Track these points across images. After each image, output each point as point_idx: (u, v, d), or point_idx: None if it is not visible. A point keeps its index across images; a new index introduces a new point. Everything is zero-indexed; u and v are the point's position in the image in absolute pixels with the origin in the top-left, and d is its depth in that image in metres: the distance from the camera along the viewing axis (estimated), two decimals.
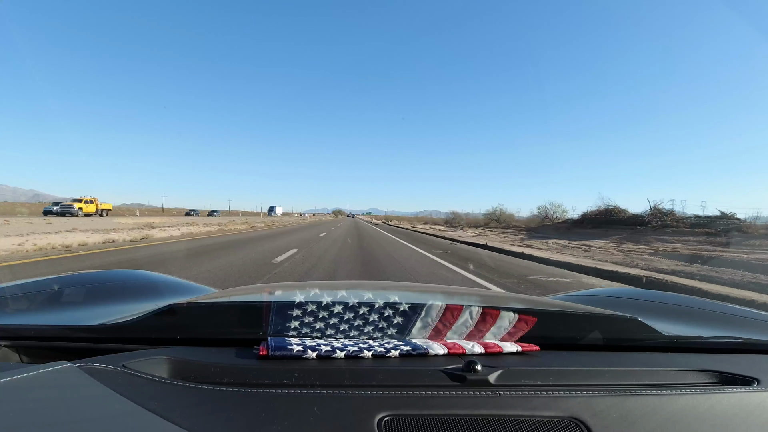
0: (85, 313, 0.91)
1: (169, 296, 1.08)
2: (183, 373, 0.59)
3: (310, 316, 0.71)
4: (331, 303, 0.71)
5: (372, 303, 0.73)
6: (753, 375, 0.67)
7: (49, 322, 0.80)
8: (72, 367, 0.56)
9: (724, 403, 0.59)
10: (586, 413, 0.53)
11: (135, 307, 0.84)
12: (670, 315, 1.10)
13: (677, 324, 1.00)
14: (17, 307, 0.91)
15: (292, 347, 0.64)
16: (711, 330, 0.97)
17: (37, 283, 1.10)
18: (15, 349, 0.73)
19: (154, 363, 0.60)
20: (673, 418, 0.54)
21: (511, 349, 0.72)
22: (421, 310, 0.73)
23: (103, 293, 1.13)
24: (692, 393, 0.61)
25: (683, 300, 1.35)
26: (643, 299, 1.31)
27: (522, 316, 0.75)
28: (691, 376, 0.68)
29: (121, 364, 0.58)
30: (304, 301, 0.71)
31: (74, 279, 1.21)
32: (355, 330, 0.72)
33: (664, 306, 1.23)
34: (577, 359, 0.73)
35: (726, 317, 1.10)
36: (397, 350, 0.67)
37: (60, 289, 1.05)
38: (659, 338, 0.80)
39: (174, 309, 0.71)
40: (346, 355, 0.65)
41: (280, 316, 0.71)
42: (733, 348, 0.84)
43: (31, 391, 0.50)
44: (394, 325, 0.73)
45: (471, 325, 0.74)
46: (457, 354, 0.68)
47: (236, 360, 0.64)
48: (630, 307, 1.13)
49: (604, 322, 0.82)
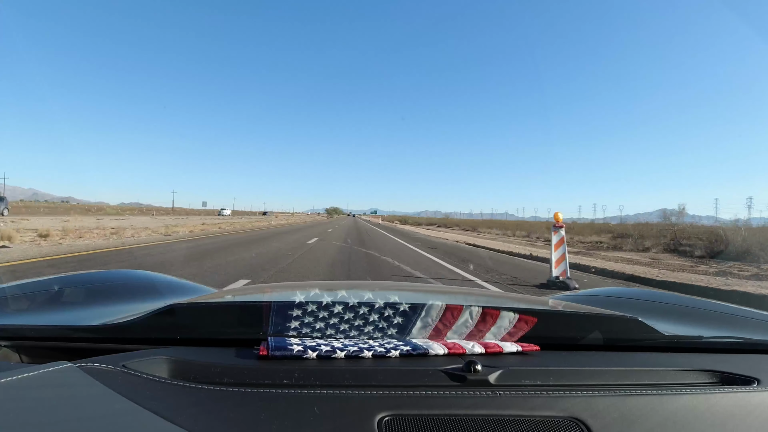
0: (85, 313, 0.91)
1: (169, 296, 1.08)
2: (183, 373, 0.59)
3: (310, 316, 0.71)
4: (331, 303, 0.71)
5: (372, 303, 0.73)
6: (753, 375, 0.67)
7: (49, 322, 0.80)
8: (72, 367, 0.56)
9: (724, 403, 0.59)
10: (586, 413, 0.53)
11: (135, 307, 0.84)
12: (670, 315, 1.10)
13: (677, 324, 1.00)
14: (17, 307, 0.91)
15: (292, 347, 0.64)
16: (711, 330, 0.97)
17: (37, 283, 1.10)
18: (15, 349, 0.73)
19: (154, 363, 0.60)
20: (673, 418, 0.54)
21: (512, 349, 0.72)
22: (422, 310, 0.73)
23: (103, 293, 1.13)
24: (692, 393, 0.61)
25: (683, 300, 1.35)
26: (643, 299, 1.31)
27: (522, 316, 0.75)
28: (691, 375, 0.68)
29: (121, 364, 0.58)
30: (304, 301, 0.71)
31: (74, 279, 1.21)
32: (356, 330, 0.72)
33: (664, 306, 1.23)
34: (577, 359, 0.73)
35: (726, 317, 1.10)
36: (398, 350, 0.67)
37: (60, 289, 1.05)
38: (659, 338, 0.80)
39: (174, 309, 0.71)
40: (347, 355, 0.65)
41: (280, 316, 0.71)
42: (733, 348, 0.84)
43: (31, 391, 0.50)
44: (394, 325, 0.73)
45: (471, 325, 0.74)
46: (457, 354, 0.68)
47: (236, 360, 0.64)
48: (630, 307, 1.13)
49: (604, 322, 0.82)
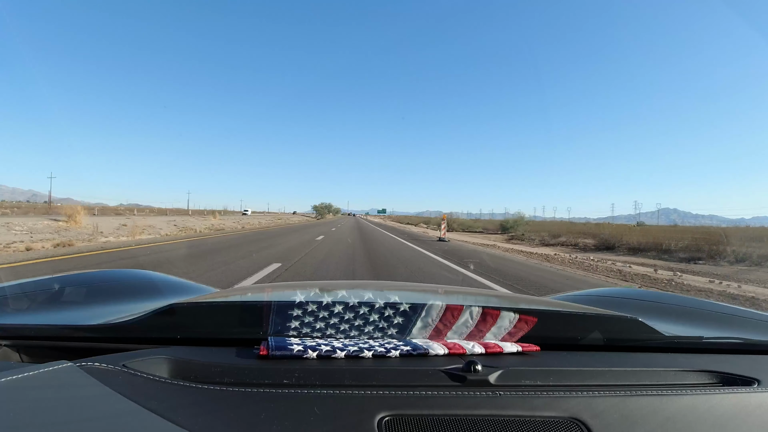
0: (85, 312, 0.90)
1: (169, 296, 1.08)
2: (183, 373, 0.59)
3: (310, 316, 0.71)
4: (332, 303, 0.71)
5: (372, 303, 0.72)
6: (753, 375, 0.67)
7: (49, 321, 0.80)
8: (72, 366, 0.56)
9: (724, 404, 0.59)
10: (586, 413, 0.53)
11: (135, 307, 0.84)
12: (670, 315, 1.10)
13: (677, 324, 1.00)
14: (17, 307, 0.91)
15: (293, 347, 0.64)
16: (711, 330, 0.97)
17: (37, 283, 1.10)
18: (15, 348, 0.73)
19: (154, 363, 0.60)
20: (673, 419, 0.54)
21: (512, 349, 0.72)
22: (422, 310, 0.73)
23: (104, 293, 1.13)
24: (693, 393, 0.61)
25: (683, 300, 1.35)
26: (644, 299, 1.31)
27: (522, 316, 0.75)
28: (692, 376, 0.68)
29: (121, 363, 0.58)
30: (304, 301, 0.71)
31: (74, 278, 1.21)
32: (356, 330, 0.72)
33: (664, 306, 1.23)
34: (577, 359, 0.73)
35: (726, 317, 1.10)
36: (398, 350, 0.67)
37: (60, 289, 1.05)
38: (660, 338, 0.80)
39: (174, 309, 0.71)
40: (347, 355, 0.65)
41: (280, 316, 0.71)
42: (734, 348, 0.84)
43: (31, 390, 0.50)
44: (394, 325, 0.73)
45: (471, 325, 0.74)
46: (457, 354, 0.68)
47: (236, 360, 0.64)
48: (630, 307, 1.13)
49: (604, 323, 0.82)
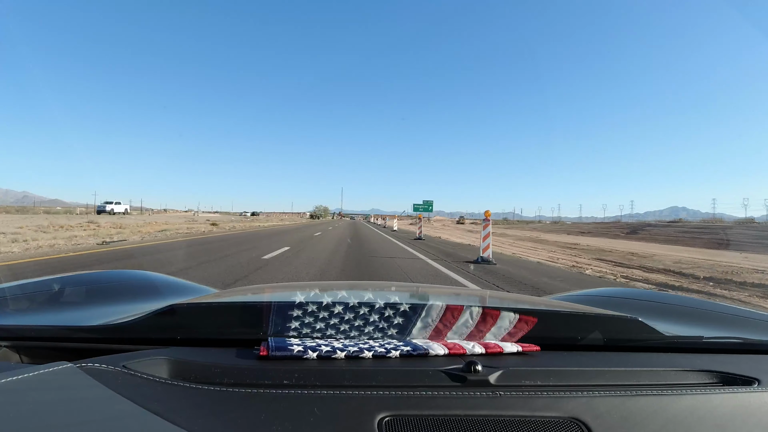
0: (85, 313, 0.90)
1: (169, 296, 1.08)
2: (183, 374, 0.59)
3: (310, 316, 0.71)
4: (332, 303, 0.71)
5: (372, 303, 0.72)
6: (754, 375, 0.67)
7: (49, 322, 0.79)
8: (72, 367, 0.56)
9: (725, 404, 0.59)
10: (586, 414, 0.53)
11: (135, 308, 0.84)
12: (670, 315, 1.09)
13: (678, 324, 1.00)
14: (17, 307, 0.91)
15: (293, 347, 0.64)
16: (711, 330, 0.97)
17: (37, 284, 1.10)
18: (15, 349, 0.73)
19: (154, 363, 0.60)
20: (674, 419, 0.54)
21: (512, 349, 0.72)
22: (422, 310, 0.73)
23: (103, 293, 1.13)
24: (693, 393, 0.61)
25: (683, 300, 1.35)
26: (644, 299, 1.31)
27: (522, 316, 0.75)
28: (692, 376, 0.68)
29: (121, 364, 0.58)
30: (304, 302, 0.71)
31: (74, 279, 1.21)
32: (356, 330, 0.72)
33: (664, 306, 1.23)
34: (577, 360, 0.73)
35: (726, 317, 1.10)
36: (398, 350, 0.67)
37: (60, 289, 1.05)
38: (660, 338, 0.80)
39: (174, 309, 0.71)
40: (347, 355, 0.65)
41: (280, 317, 0.71)
42: (734, 348, 0.84)
43: (31, 391, 0.50)
44: (394, 325, 0.73)
45: (471, 325, 0.74)
46: (457, 354, 0.68)
47: (237, 360, 0.64)
48: (630, 307, 1.13)
49: (604, 323, 0.81)
